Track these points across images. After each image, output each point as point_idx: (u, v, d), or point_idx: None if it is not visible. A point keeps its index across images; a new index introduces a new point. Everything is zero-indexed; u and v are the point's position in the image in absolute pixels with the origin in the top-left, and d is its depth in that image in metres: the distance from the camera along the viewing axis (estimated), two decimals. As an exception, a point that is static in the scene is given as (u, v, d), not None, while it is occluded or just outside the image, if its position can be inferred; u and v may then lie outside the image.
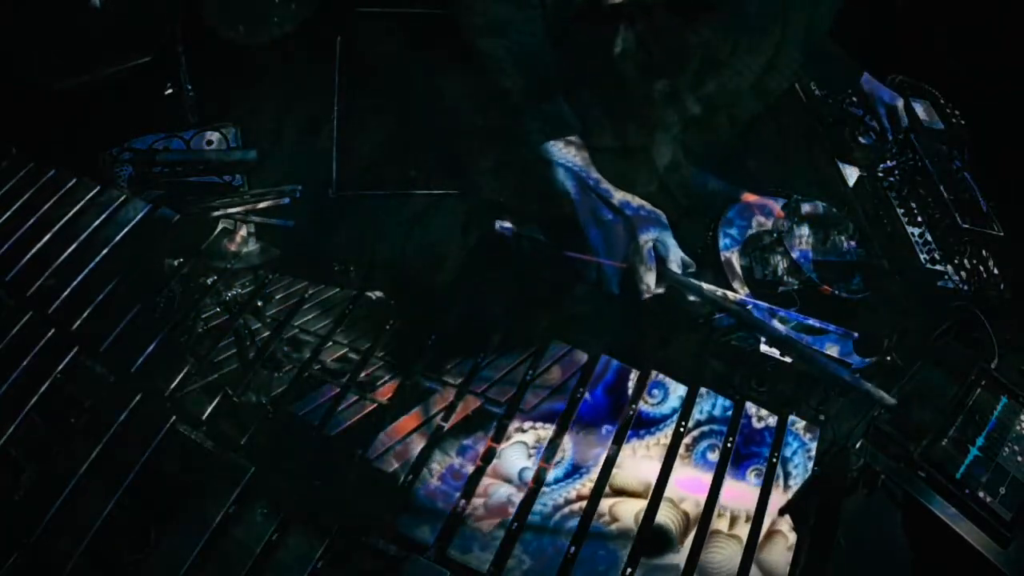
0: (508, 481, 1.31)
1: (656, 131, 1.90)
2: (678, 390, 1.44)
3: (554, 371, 1.46)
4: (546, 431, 1.37)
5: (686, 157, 1.95)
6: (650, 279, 1.55)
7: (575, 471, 1.33)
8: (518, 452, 1.35)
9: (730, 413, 1.43)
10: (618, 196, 1.58)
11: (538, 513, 1.27)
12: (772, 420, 1.43)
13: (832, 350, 1.76)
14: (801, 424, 1.43)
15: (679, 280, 1.58)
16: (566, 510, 1.28)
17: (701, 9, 1.77)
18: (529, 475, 1.31)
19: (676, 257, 1.59)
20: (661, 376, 1.45)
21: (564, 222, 1.61)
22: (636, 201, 1.59)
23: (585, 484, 1.31)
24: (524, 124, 1.62)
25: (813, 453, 1.41)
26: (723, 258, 1.83)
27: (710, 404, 1.43)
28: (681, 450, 1.37)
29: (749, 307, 1.64)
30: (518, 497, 1.29)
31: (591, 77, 1.86)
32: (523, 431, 1.37)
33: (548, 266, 1.65)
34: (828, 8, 1.94)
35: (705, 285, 1.61)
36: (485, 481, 1.30)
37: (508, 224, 1.60)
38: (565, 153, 1.60)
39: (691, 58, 1.81)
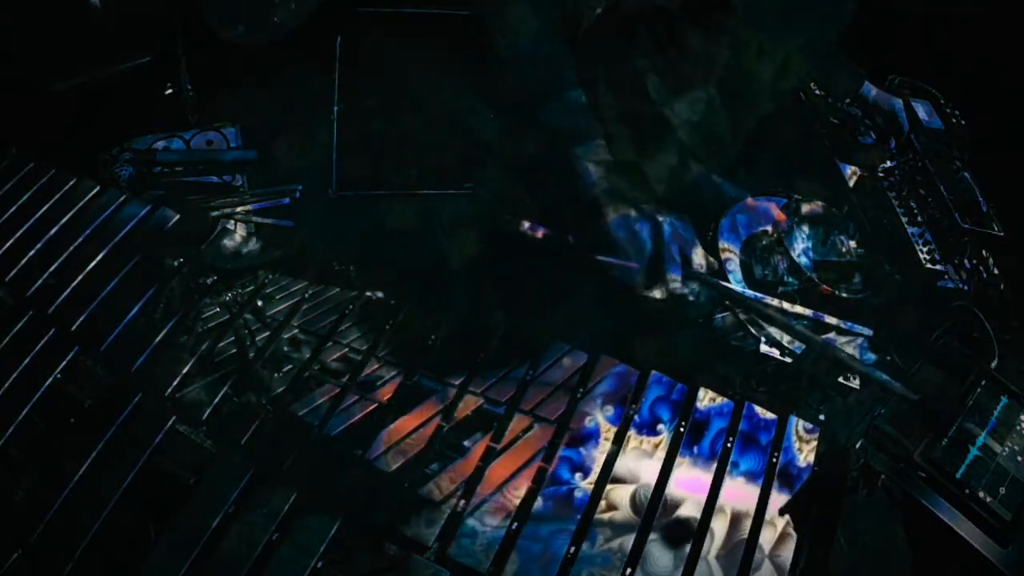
0: (508, 481, 1.31)
1: (666, 132, 1.92)
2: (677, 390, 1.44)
3: (554, 371, 1.46)
4: (545, 431, 1.37)
5: (692, 157, 1.95)
6: (675, 278, 1.59)
7: (575, 471, 1.33)
8: (520, 452, 1.35)
9: (730, 413, 1.43)
10: (646, 203, 1.63)
11: (538, 513, 1.27)
12: (772, 420, 1.43)
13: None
14: (801, 424, 1.43)
15: (706, 280, 1.63)
16: (566, 510, 1.28)
17: (716, 12, 1.78)
18: (529, 475, 1.31)
19: (700, 259, 1.63)
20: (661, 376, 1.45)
21: (591, 223, 1.65)
22: (663, 208, 1.64)
23: (585, 484, 1.31)
24: (552, 127, 1.66)
25: (813, 453, 1.41)
26: (722, 257, 1.83)
27: (710, 404, 1.43)
28: (681, 450, 1.37)
29: (772, 305, 1.68)
30: (518, 497, 1.29)
31: (609, 80, 1.89)
32: (523, 431, 1.37)
33: (562, 255, 1.68)
34: (840, 15, 1.95)
35: (729, 285, 1.68)
36: (485, 481, 1.30)
37: (528, 223, 1.64)
38: (594, 159, 1.64)
39: (707, 65, 1.84)
